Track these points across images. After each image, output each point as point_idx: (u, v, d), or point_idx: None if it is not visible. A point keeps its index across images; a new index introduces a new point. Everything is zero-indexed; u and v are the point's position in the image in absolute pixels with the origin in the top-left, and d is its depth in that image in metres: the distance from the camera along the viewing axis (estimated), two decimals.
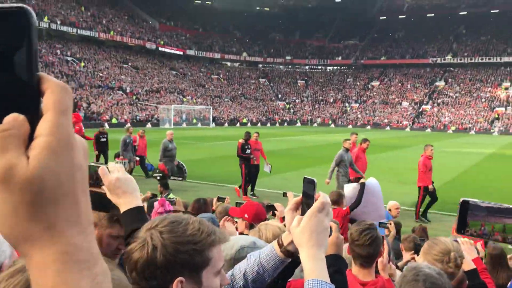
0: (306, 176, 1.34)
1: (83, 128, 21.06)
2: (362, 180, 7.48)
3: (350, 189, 7.55)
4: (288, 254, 1.45)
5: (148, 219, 1.68)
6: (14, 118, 0.45)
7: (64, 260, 0.45)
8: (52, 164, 0.46)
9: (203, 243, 1.24)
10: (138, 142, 15.18)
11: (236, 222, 4.66)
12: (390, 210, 7.24)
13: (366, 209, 7.05)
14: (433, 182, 11.23)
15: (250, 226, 3.73)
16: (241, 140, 12.97)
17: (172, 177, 13.23)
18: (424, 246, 2.73)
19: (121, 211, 1.68)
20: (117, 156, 14.86)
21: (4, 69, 0.46)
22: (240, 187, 12.75)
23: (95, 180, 1.68)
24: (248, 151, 12.86)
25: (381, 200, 7.81)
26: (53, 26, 57.56)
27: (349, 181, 10.58)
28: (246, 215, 3.81)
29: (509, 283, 3.39)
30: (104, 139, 15.87)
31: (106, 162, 15.28)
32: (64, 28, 59.04)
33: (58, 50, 57.13)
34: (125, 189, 1.67)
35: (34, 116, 0.46)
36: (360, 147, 11.67)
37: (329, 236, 2.23)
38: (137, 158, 15.08)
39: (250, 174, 12.81)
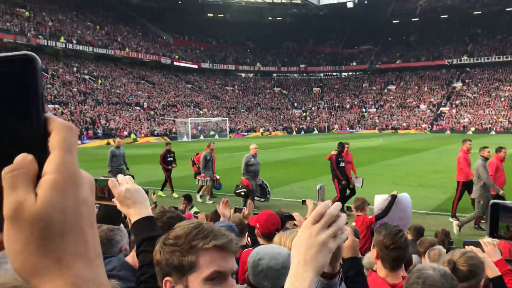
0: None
1: None
2: (394, 192, 7.18)
3: (380, 201, 7.30)
4: (325, 275, 1.26)
5: (157, 228, 1.75)
6: (23, 158, 0.48)
7: None
8: (59, 200, 0.47)
9: (183, 248, 1.27)
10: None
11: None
12: None
13: (391, 223, 6.83)
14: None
15: (264, 236, 3.75)
16: (334, 152, 11.82)
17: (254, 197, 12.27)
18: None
19: (132, 222, 1.71)
20: (198, 174, 13.75)
21: (12, 113, 0.48)
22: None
23: (107, 193, 1.72)
24: (342, 164, 11.64)
25: (409, 218, 7.55)
26: (70, 45, 58.66)
27: (489, 196, 9.58)
28: (257, 224, 3.84)
29: None
30: (171, 159, 14.47)
31: (164, 184, 14.39)
32: (80, 47, 60.13)
33: (75, 68, 58.18)
34: (135, 199, 1.69)
35: (41, 155, 0.49)
36: (497, 156, 10.17)
37: (345, 241, 2.25)
38: (218, 177, 13.94)
39: (343, 189, 11.70)
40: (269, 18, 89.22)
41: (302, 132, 66.31)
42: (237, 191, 12.13)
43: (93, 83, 57.37)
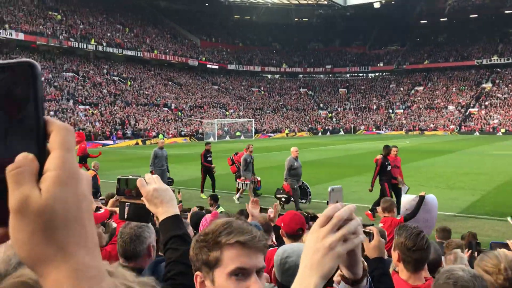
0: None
1: (87, 146, 21.29)
2: (422, 193, 7.09)
3: (407, 201, 7.20)
4: (347, 281, 1.20)
5: (185, 226, 1.79)
6: (25, 157, 0.52)
7: (76, 276, 0.50)
8: (61, 194, 0.51)
9: (210, 243, 1.32)
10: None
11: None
12: None
13: (417, 224, 6.79)
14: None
15: (288, 235, 3.80)
16: (379, 156, 11.39)
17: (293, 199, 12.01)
18: (477, 258, 2.71)
19: (160, 220, 1.74)
20: (238, 177, 13.74)
21: (14, 116, 0.52)
22: (372, 210, 11.03)
23: (136, 192, 1.76)
24: (388, 167, 11.18)
25: (434, 220, 7.44)
26: (100, 48, 59.79)
27: None
28: (282, 224, 3.89)
29: None
30: (210, 158, 14.46)
31: (214, 185, 14.24)
32: (110, 50, 61.21)
33: (105, 70, 59.27)
34: (162, 198, 1.72)
35: (41, 154, 0.53)
36: None
37: (369, 241, 2.25)
38: (259, 178, 13.82)
39: (392, 195, 10.98)
40: (295, 19, 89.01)
41: (328, 133, 65.92)
42: (277, 195, 11.89)
43: (123, 84, 58.32)
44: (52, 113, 42.96)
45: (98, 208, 4.88)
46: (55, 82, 50.21)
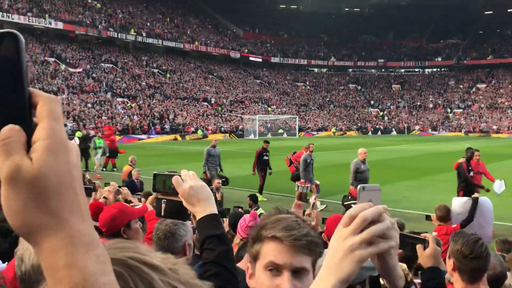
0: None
1: (116, 140, 22.09)
2: (474, 195, 6.91)
3: (458, 204, 7.04)
4: None
5: (222, 226, 1.82)
6: (11, 128, 0.55)
7: (72, 243, 0.54)
8: (53, 162, 0.54)
9: (254, 236, 1.43)
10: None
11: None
12: None
13: (471, 230, 6.62)
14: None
15: (329, 239, 3.81)
16: (461, 160, 10.84)
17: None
18: None
19: (197, 219, 1.74)
20: (296, 179, 13.50)
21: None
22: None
23: (172, 190, 1.76)
24: (471, 173, 10.61)
25: (491, 226, 7.24)
26: (139, 38, 61.12)
27: None
28: (324, 228, 3.95)
29: None
30: (267, 157, 14.49)
31: (262, 187, 14.23)
32: (150, 40, 62.47)
33: (144, 62, 60.50)
34: (199, 196, 1.72)
35: (27, 126, 0.56)
36: None
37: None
38: (317, 182, 13.60)
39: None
40: (346, 9, 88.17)
41: (379, 132, 64.78)
42: (346, 203, 11.01)
43: (162, 77, 59.38)
44: (89, 105, 44.28)
45: (129, 202, 4.97)
46: (93, 73, 51.71)
